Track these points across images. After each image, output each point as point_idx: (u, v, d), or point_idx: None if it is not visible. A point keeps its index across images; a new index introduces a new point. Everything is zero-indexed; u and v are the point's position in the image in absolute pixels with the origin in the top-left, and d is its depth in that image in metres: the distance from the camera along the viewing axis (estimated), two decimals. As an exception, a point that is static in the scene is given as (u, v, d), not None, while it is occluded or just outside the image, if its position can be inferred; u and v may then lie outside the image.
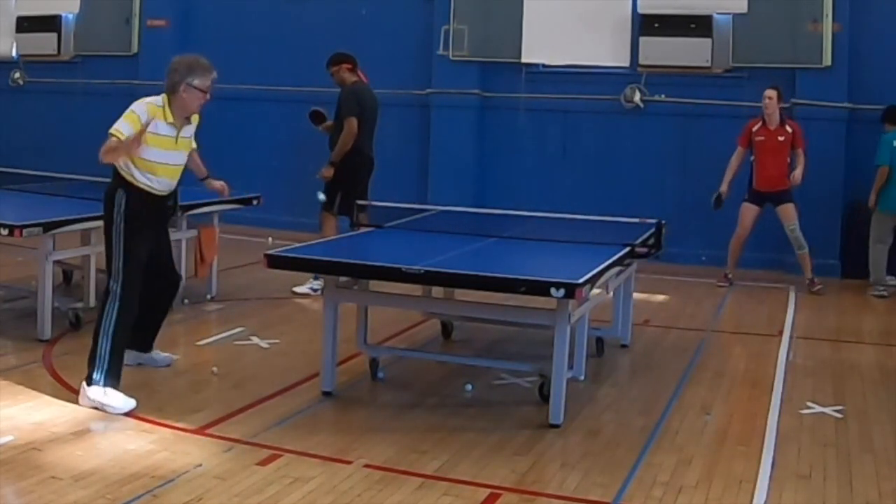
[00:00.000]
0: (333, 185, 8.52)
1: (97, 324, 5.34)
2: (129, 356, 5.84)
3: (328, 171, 8.49)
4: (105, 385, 5.20)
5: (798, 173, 9.36)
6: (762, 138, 9.49)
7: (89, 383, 5.22)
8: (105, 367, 5.22)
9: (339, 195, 8.46)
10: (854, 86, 10.32)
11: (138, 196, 5.35)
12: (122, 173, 5.35)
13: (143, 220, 5.41)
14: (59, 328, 6.65)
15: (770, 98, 9.44)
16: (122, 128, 5.24)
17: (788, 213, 9.50)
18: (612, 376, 6.47)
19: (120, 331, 5.31)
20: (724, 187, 9.64)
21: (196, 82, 5.37)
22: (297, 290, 8.50)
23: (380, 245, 6.49)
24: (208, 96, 5.46)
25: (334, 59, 8.74)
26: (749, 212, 9.64)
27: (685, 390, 6.08)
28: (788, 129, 9.45)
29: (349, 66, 8.68)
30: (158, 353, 6.09)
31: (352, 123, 8.41)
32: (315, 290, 8.37)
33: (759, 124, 9.54)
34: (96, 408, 5.15)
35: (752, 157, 9.60)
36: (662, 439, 5.12)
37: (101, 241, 6.91)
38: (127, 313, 5.34)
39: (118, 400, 5.18)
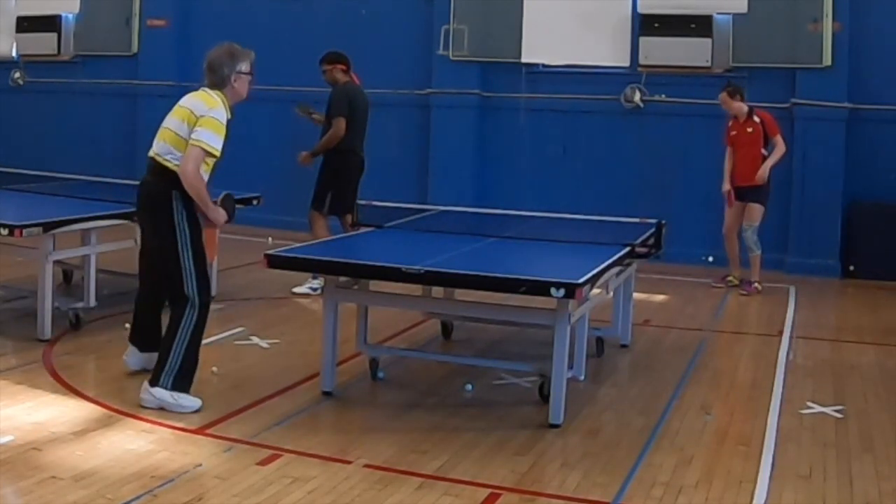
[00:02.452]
0: (324, 184, 8.54)
1: (172, 329, 5.22)
2: (134, 360, 5.81)
3: (307, 158, 8.55)
4: (172, 389, 5.17)
5: (762, 171, 9.20)
6: (735, 132, 9.47)
7: (154, 384, 5.19)
8: (175, 372, 5.19)
9: (330, 195, 8.48)
10: (854, 86, 10.32)
11: (189, 195, 5.15)
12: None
13: (196, 219, 5.26)
14: (59, 328, 6.64)
15: (724, 101, 9.43)
16: (217, 143, 5.09)
17: (750, 213, 9.40)
18: (612, 376, 6.47)
19: (195, 338, 5.26)
20: (725, 186, 9.57)
21: (244, 68, 5.30)
22: (297, 290, 8.50)
23: (380, 245, 6.49)
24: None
25: (329, 57, 8.72)
26: (730, 208, 9.61)
27: (685, 390, 6.08)
28: (756, 119, 9.37)
29: (343, 66, 8.67)
30: None
31: (340, 123, 8.40)
32: (314, 290, 8.37)
33: (732, 120, 9.53)
34: (163, 408, 5.14)
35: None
36: (662, 439, 5.11)
37: (102, 240, 7.04)
38: (204, 319, 5.28)
39: (187, 400, 5.20)
